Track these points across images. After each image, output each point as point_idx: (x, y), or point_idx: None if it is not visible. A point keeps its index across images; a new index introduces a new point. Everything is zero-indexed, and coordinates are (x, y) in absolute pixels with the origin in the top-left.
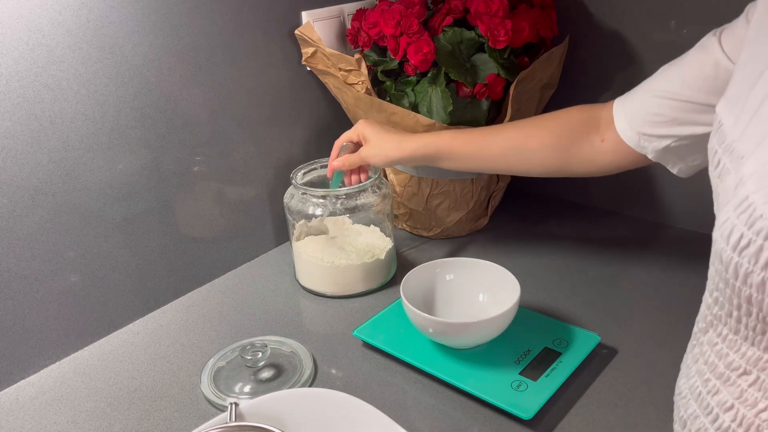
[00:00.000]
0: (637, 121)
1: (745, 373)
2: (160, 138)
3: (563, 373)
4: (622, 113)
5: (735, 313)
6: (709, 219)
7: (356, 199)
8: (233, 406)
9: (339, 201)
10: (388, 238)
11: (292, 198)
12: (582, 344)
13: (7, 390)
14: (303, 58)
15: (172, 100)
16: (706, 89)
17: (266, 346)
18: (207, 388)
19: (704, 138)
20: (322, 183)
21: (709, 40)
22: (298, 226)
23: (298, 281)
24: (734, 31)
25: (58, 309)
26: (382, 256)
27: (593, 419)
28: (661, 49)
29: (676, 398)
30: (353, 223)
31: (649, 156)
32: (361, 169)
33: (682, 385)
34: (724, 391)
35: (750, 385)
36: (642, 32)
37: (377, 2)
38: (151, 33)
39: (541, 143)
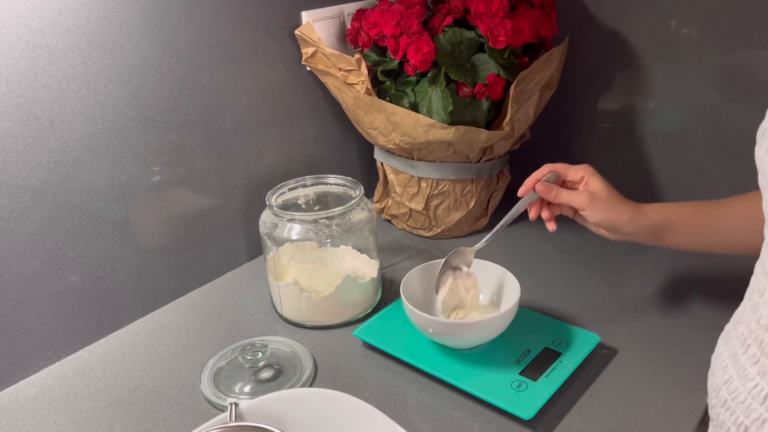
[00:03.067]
0: None
1: None
2: (160, 138)
3: (563, 373)
4: None
5: None
6: None
7: (341, 221)
8: (233, 406)
9: (323, 223)
10: (374, 261)
11: (266, 224)
12: (582, 344)
13: (7, 390)
14: (303, 58)
15: (172, 100)
16: None
17: (266, 346)
18: (207, 388)
19: None
20: (294, 206)
21: None
22: (281, 253)
23: (277, 311)
24: None
25: (58, 309)
26: (366, 281)
27: (593, 419)
28: (661, 49)
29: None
30: (337, 246)
31: None
32: (550, 212)
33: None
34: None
35: None
36: (642, 33)
37: (377, 2)
38: (151, 33)
39: None
